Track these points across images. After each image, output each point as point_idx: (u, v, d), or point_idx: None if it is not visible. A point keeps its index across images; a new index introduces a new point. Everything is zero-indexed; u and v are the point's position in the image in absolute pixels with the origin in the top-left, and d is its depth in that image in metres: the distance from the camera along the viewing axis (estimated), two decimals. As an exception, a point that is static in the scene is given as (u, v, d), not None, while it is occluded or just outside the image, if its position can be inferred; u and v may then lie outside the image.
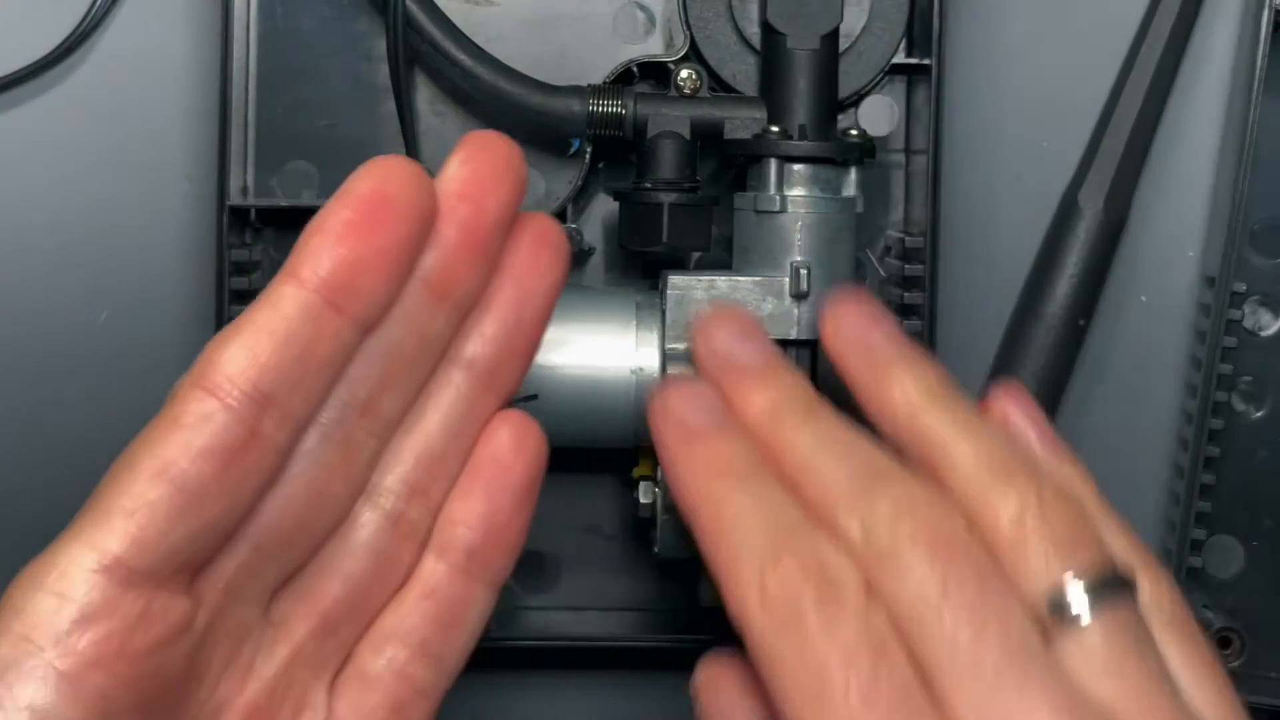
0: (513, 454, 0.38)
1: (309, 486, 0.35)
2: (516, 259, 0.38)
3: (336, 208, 0.35)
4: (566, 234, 0.39)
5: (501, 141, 0.37)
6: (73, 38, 0.50)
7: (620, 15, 0.50)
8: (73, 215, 0.50)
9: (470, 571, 0.38)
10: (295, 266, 0.35)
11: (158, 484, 0.33)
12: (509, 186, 0.37)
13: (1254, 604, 0.50)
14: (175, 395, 0.34)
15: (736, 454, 0.37)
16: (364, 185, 0.35)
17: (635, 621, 0.50)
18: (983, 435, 0.36)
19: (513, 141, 0.37)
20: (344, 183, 0.35)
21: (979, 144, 0.51)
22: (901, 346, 0.39)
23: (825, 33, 0.47)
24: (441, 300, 0.36)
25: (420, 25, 0.47)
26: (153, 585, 0.33)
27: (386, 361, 0.36)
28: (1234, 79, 0.51)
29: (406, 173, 0.35)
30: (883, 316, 0.40)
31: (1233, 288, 0.48)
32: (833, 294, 0.41)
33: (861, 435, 0.37)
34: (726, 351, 0.40)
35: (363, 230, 0.35)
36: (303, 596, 0.37)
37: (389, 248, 0.35)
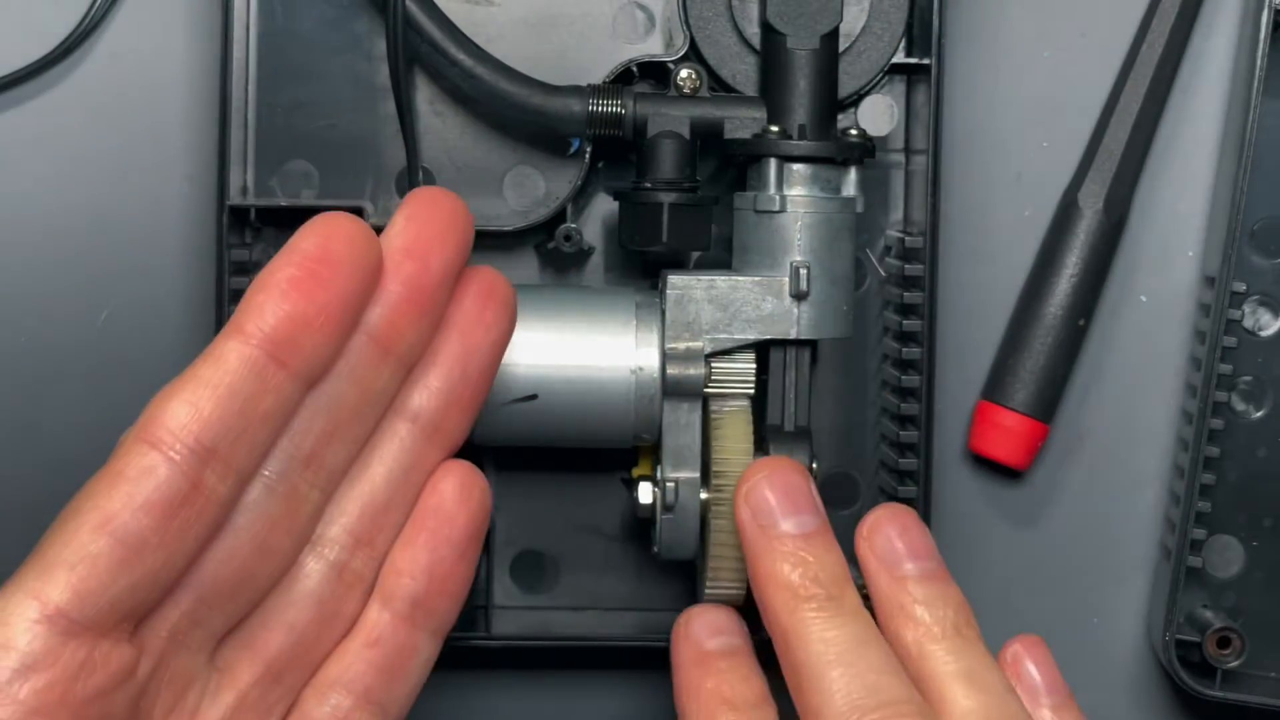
0: (456, 504, 0.39)
1: (253, 537, 0.36)
2: (462, 313, 0.39)
3: (281, 264, 0.36)
4: (511, 290, 0.40)
5: (447, 198, 0.38)
6: (73, 38, 0.50)
7: (620, 15, 0.50)
8: (73, 215, 0.51)
9: (414, 620, 0.39)
10: (240, 322, 0.35)
11: (100, 536, 0.34)
12: (454, 243, 0.38)
13: (1254, 604, 0.50)
14: (119, 448, 0.35)
15: (742, 689, 0.40)
16: (309, 242, 0.36)
17: (635, 621, 0.50)
18: (984, 688, 0.37)
19: (457, 198, 0.38)
20: (291, 238, 0.36)
21: (979, 144, 0.51)
22: (928, 576, 0.40)
23: (825, 32, 0.47)
24: (386, 355, 0.37)
25: (420, 25, 0.47)
26: (95, 635, 0.34)
27: (330, 414, 0.37)
28: (1234, 79, 0.51)
29: (351, 230, 0.36)
30: (920, 539, 0.41)
31: (1233, 288, 0.48)
32: (881, 508, 0.42)
33: (877, 643, 0.38)
34: (767, 519, 0.41)
35: (307, 287, 0.35)
36: (248, 644, 0.37)
37: (332, 304, 0.36)
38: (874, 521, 0.42)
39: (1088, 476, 0.52)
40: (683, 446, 0.46)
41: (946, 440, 0.51)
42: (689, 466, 0.46)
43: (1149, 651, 0.52)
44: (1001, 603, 0.52)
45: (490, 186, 0.50)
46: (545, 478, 0.50)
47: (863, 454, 0.51)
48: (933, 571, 0.40)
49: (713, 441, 0.46)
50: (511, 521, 0.50)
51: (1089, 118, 0.51)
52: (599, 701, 0.51)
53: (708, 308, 0.46)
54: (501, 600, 0.50)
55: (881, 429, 0.51)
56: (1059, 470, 0.52)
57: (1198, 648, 0.49)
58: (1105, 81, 0.51)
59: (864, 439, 0.51)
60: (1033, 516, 0.52)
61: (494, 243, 0.50)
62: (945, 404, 0.51)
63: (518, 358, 0.46)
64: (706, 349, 0.46)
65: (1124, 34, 0.51)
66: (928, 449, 0.48)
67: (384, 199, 0.49)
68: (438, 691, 0.51)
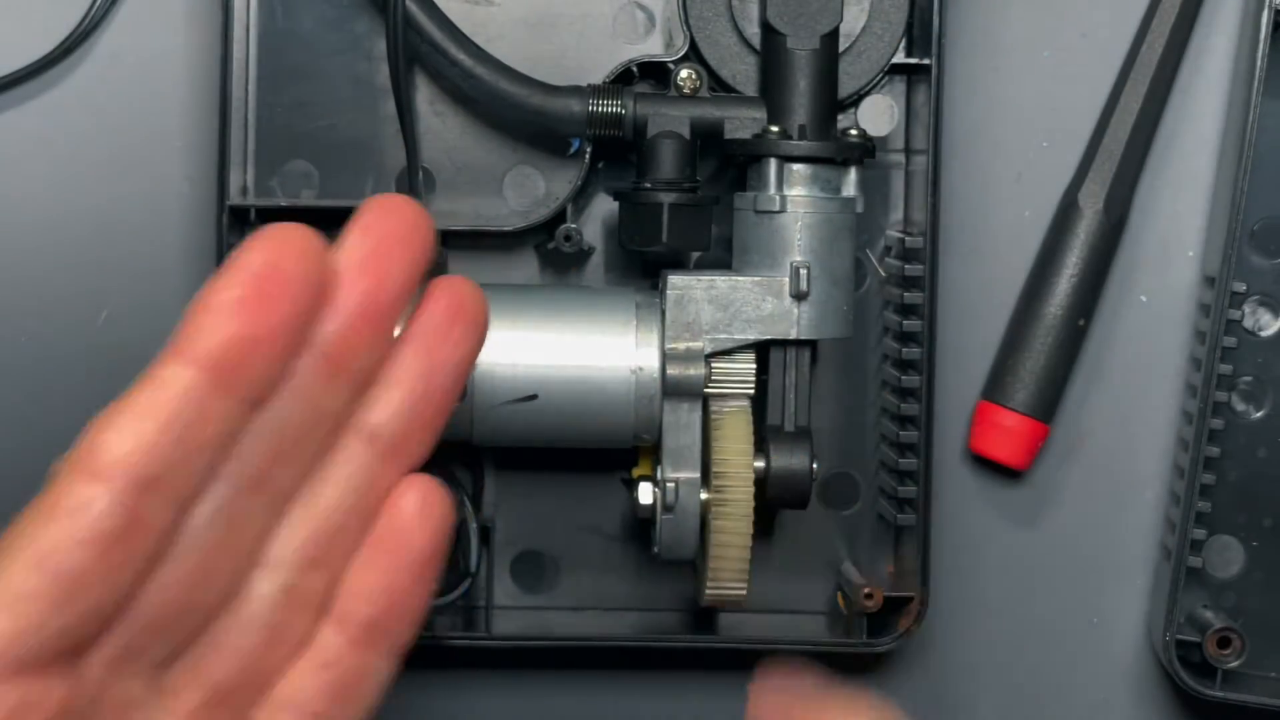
0: (416, 523, 0.37)
1: (196, 564, 0.34)
2: (428, 328, 0.36)
3: (226, 283, 0.33)
4: (483, 303, 0.37)
5: (406, 206, 0.36)
6: (73, 38, 0.50)
7: (620, 15, 0.50)
8: (72, 215, 0.51)
9: (369, 643, 0.37)
10: (181, 345, 0.33)
11: (35, 573, 0.32)
12: (412, 255, 0.35)
13: (1254, 604, 0.50)
14: (54, 480, 0.33)
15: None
16: (255, 258, 0.33)
17: (635, 622, 0.50)
18: None
19: (417, 205, 0.36)
20: (238, 251, 0.34)
21: (979, 144, 0.51)
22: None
23: (825, 32, 0.47)
24: (338, 373, 0.35)
25: (420, 25, 0.47)
26: (31, 675, 0.32)
27: (278, 437, 0.35)
28: (1234, 79, 0.51)
29: (302, 244, 0.34)
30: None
31: (1233, 288, 0.48)
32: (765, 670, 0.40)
33: None
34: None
35: (253, 307, 0.33)
36: (194, 667, 0.36)
37: (280, 325, 0.33)
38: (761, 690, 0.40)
39: (1088, 476, 0.52)
40: (683, 447, 0.46)
41: (946, 440, 0.51)
42: (689, 467, 0.46)
43: (1149, 651, 0.52)
44: (1001, 603, 0.52)
45: (490, 187, 0.50)
46: (545, 478, 0.50)
47: (863, 454, 0.51)
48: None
49: (713, 442, 0.46)
50: (512, 522, 0.50)
51: (1089, 118, 0.51)
52: (599, 702, 0.51)
53: (708, 308, 0.46)
54: (502, 600, 0.50)
55: (882, 429, 0.51)
56: (1059, 470, 0.52)
57: (1198, 648, 0.49)
58: (1105, 81, 0.51)
59: (864, 439, 0.51)
60: (1033, 516, 0.52)
61: (494, 243, 0.50)
62: (945, 404, 0.51)
63: (518, 358, 0.46)
64: (706, 349, 0.46)
65: (1124, 34, 0.51)
66: (928, 449, 0.48)
67: (384, 199, 0.49)
68: (437, 692, 0.51)
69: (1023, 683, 0.52)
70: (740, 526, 0.45)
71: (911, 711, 0.52)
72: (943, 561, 0.51)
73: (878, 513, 0.51)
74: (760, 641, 0.49)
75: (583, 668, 0.51)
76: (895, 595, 0.49)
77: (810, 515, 0.51)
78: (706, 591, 0.46)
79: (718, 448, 0.46)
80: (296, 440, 0.35)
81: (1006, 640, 0.52)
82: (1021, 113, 0.51)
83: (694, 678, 0.51)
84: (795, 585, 0.51)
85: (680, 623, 0.50)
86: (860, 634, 0.49)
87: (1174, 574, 0.49)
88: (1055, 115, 0.51)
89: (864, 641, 0.49)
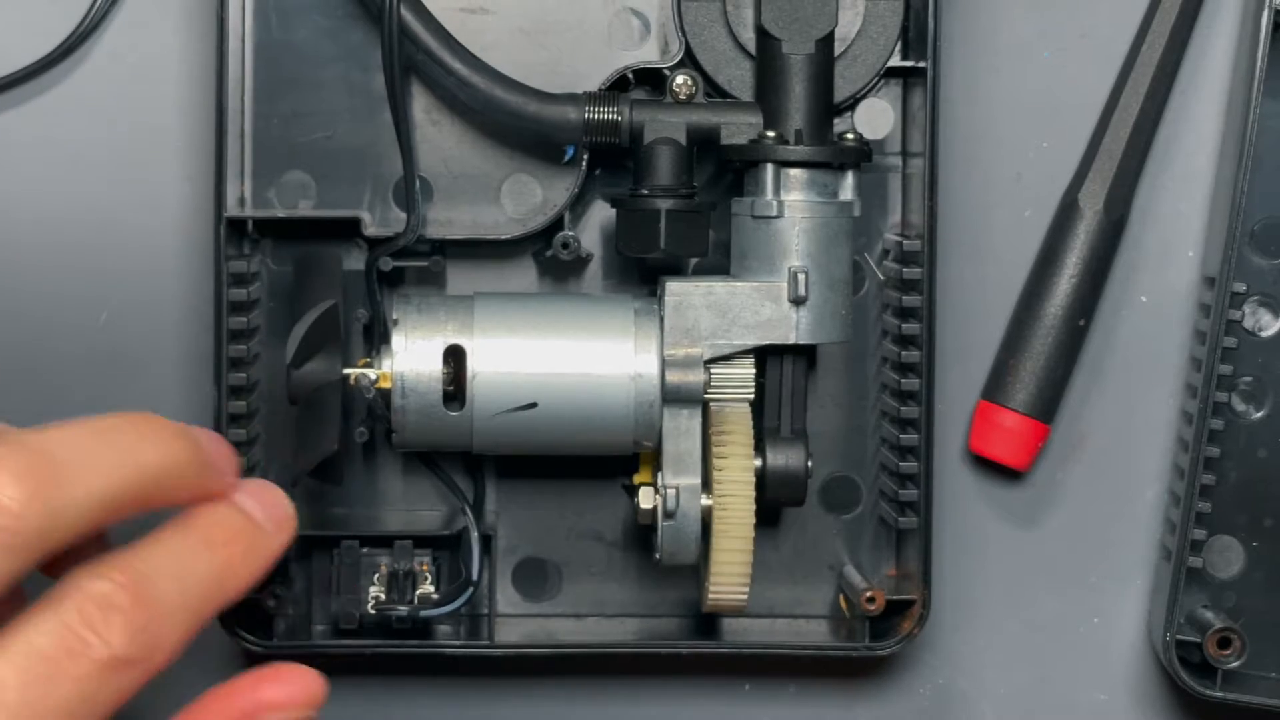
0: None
1: None
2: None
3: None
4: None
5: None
6: (73, 38, 0.50)
7: (615, 22, 0.50)
8: (72, 215, 0.51)
9: None
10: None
11: None
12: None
13: (1254, 604, 0.50)
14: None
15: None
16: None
17: (637, 628, 0.51)
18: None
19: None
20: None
21: (977, 145, 0.51)
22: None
23: (820, 37, 0.47)
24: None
25: (415, 34, 0.47)
26: None
27: None
28: (1234, 79, 0.50)
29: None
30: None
31: (1233, 288, 0.48)
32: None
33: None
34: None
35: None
36: None
37: None
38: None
39: (1088, 476, 0.52)
40: (683, 453, 0.46)
41: (947, 441, 0.51)
42: (689, 473, 0.46)
43: (1149, 652, 0.52)
44: (1002, 603, 0.52)
45: (488, 195, 0.50)
46: (546, 485, 0.51)
47: (864, 457, 0.51)
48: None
49: (713, 447, 0.46)
50: (513, 529, 0.51)
51: (1089, 118, 0.51)
52: (603, 708, 0.52)
53: (706, 314, 0.46)
54: (504, 608, 0.50)
55: (882, 432, 0.51)
56: (1059, 470, 0.52)
57: (1198, 648, 0.49)
58: (1105, 81, 0.51)
59: (865, 442, 0.51)
60: (1033, 516, 0.52)
61: (492, 251, 0.50)
62: (945, 404, 0.51)
63: (517, 366, 0.46)
64: (705, 355, 0.46)
65: (1124, 34, 0.51)
66: (928, 452, 0.48)
67: (381, 209, 0.49)
68: (442, 701, 0.52)
69: (1023, 683, 0.52)
70: (741, 532, 0.46)
71: (913, 713, 0.52)
72: (943, 562, 0.51)
73: (879, 516, 0.51)
74: (762, 646, 0.50)
75: (586, 674, 0.51)
76: (897, 599, 0.49)
77: (811, 519, 0.51)
78: (708, 597, 0.46)
79: (718, 453, 0.46)
80: None
81: (1007, 640, 0.52)
82: (1021, 113, 0.51)
83: (697, 683, 0.52)
84: (797, 589, 0.51)
85: (682, 628, 0.51)
86: (862, 638, 0.50)
87: (1174, 574, 0.49)
88: (1055, 115, 0.51)
89: (866, 645, 0.49)
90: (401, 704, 0.52)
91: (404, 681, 0.52)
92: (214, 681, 0.51)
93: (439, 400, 0.46)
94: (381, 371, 0.46)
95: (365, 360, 0.46)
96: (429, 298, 0.47)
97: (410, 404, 0.46)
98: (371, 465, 0.50)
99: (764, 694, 0.52)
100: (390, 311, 0.46)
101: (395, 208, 0.49)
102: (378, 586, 0.48)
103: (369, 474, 0.50)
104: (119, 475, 0.37)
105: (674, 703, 0.52)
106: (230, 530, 0.39)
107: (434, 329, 0.46)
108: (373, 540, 0.49)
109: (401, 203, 0.49)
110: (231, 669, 0.51)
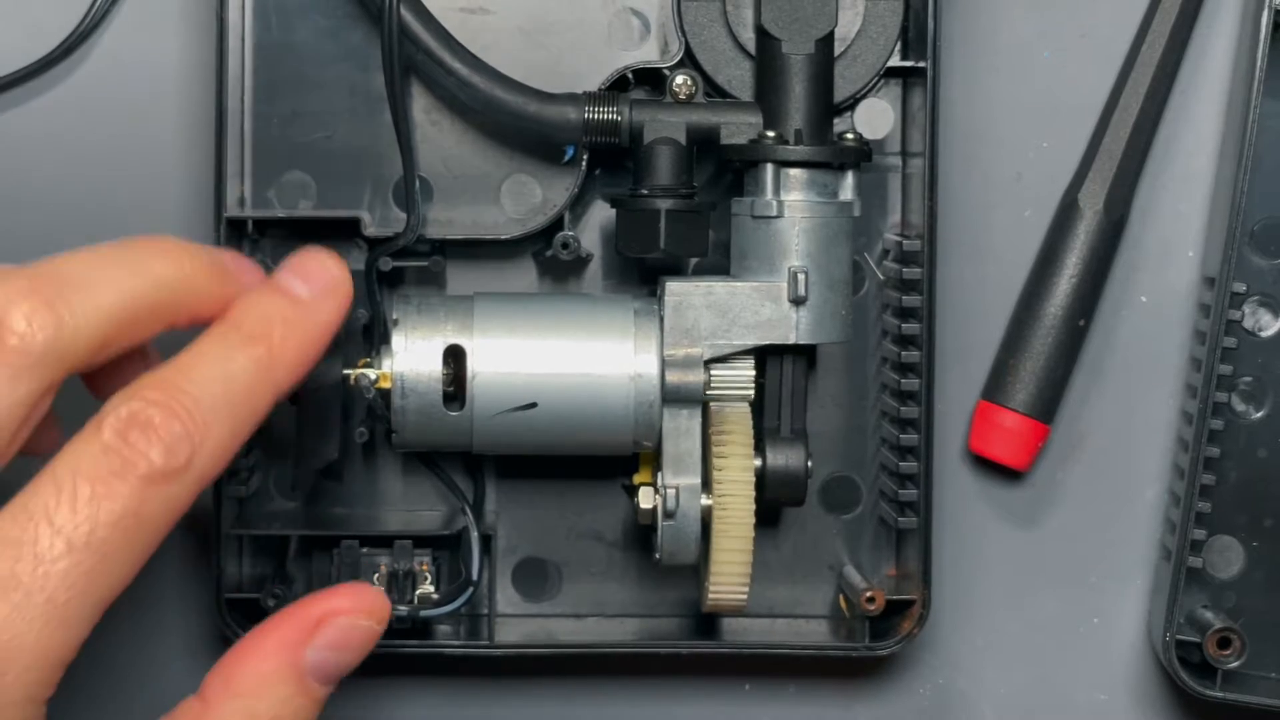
0: None
1: None
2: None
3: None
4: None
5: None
6: (73, 38, 0.50)
7: (615, 22, 0.50)
8: (72, 215, 0.51)
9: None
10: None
11: None
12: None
13: (1254, 604, 0.50)
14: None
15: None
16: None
17: (637, 628, 0.51)
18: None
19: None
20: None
21: (977, 145, 0.51)
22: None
23: (820, 37, 0.47)
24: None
25: (415, 34, 0.47)
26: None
27: None
28: (1234, 79, 0.50)
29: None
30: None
31: (1233, 288, 0.48)
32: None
33: None
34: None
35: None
36: None
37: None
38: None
39: (1088, 476, 0.52)
40: (683, 453, 0.46)
41: (946, 441, 0.51)
42: (689, 473, 0.46)
43: (1149, 652, 0.52)
44: (1002, 603, 0.52)
45: (487, 195, 0.50)
46: (546, 485, 0.51)
47: (864, 457, 0.51)
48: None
49: (713, 447, 0.46)
50: (513, 529, 0.51)
51: (1089, 118, 0.51)
52: (603, 708, 0.52)
53: (706, 314, 0.46)
54: (504, 608, 0.50)
55: (882, 432, 0.51)
56: (1059, 470, 0.52)
57: (1198, 648, 0.49)
58: (1105, 81, 0.51)
59: (865, 442, 0.51)
60: (1033, 516, 0.52)
61: (492, 251, 0.50)
62: (945, 404, 0.51)
63: (517, 366, 0.46)
64: (705, 355, 0.46)
65: (1124, 34, 0.51)
66: (928, 452, 0.48)
67: (381, 209, 0.49)
68: (441, 701, 0.52)
69: (1023, 683, 0.52)
70: (741, 532, 0.46)
71: (913, 713, 0.52)
72: (943, 562, 0.51)
73: (879, 516, 0.51)
74: (762, 646, 0.50)
75: (586, 674, 0.51)
76: (897, 599, 0.49)
77: (811, 519, 0.51)
78: (708, 597, 0.46)
79: (718, 453, 0.46)
80: None
81: (1007, 640, 0.52)
82: (1021, 113, 0.51)
83: (697, 683, 0.52)
84: (797, 589, 0.51)
85: (682, 628, 0.51)
86: (862, 638, 0.49)
87: (1174, 574, 0.49)
88: (1055, 115, 0.51)
89: (866, 645, 0.49)
90: (401, 704, 0.52)
91: (404, 681, 0.52)
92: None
93: (439, 400, 0.46)
94: (381, 372, 0.46)
95: (365, 360, 0.46)
96: (429, 298, 0.47)
97: (410, 404, 0.46)
98: (371, 465, 0.50)
99: (764, 694, 0.52)
100: (390, 311, 0.46)
101: (395, 208, 0.49)
102: (378, 586, 0.48)
103: (369, 474, 0.50)
104: (128, 287, 0.38)
105: (674, 703, 0.52)
106: (267, 316, 0.39)
107: (434, 329, 0.46)
108: (373, 540, 0.49)
109: (401, 203, 0.49)
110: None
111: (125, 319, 0.37)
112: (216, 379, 0.37)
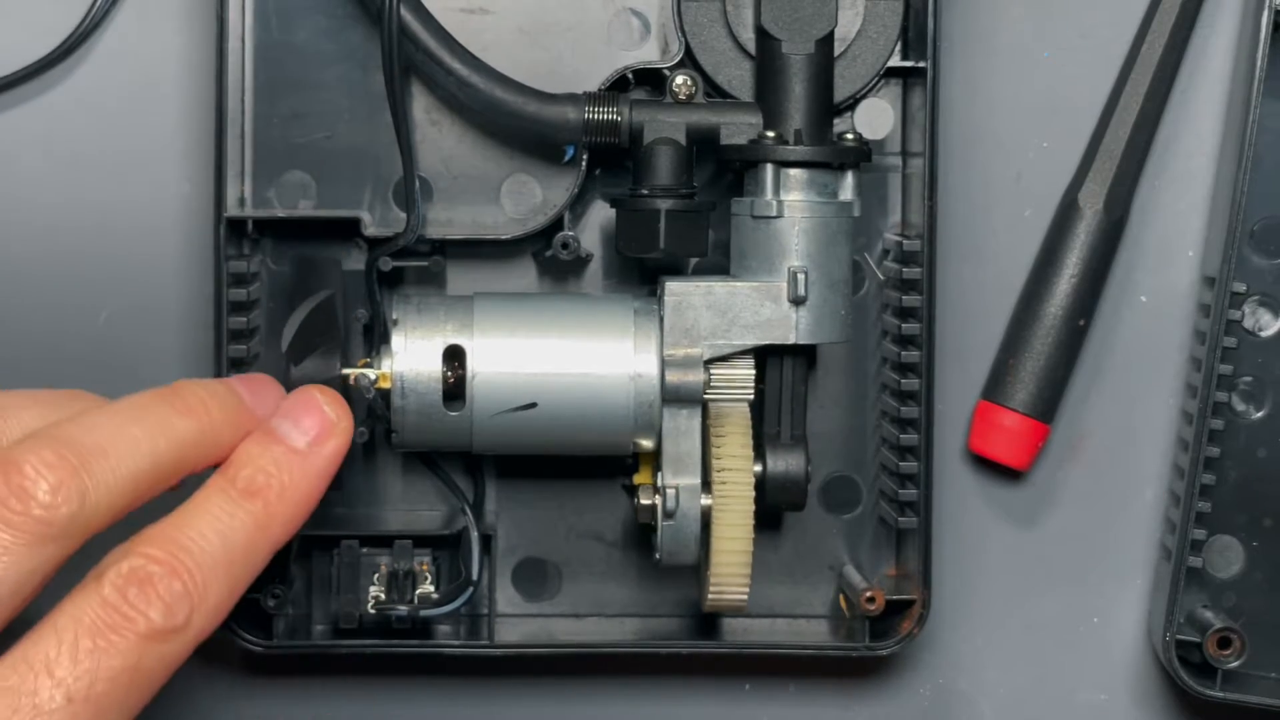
0: None
1: None
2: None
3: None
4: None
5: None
6: (73, 38, 0.50)
7: (615, 22, 0.50)
8: (72, 215, 0.51)
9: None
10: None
11: None
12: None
13: (1254, 604, 0.50)
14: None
15: None
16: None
17: (637, 628, 0.51)
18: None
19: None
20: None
21: (977, 145, 0.51)
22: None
23: (820, 37, 0.47)
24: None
25: (415, 35, 0.47)
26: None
27: None
28: (1234, 79, 0.50)
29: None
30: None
31: (1233, 288, 0.48)
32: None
33: None
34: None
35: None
36: None
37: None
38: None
39: (1088, 476, 0.52)
40: (683, 453, 0.46)
41: (946, 440, 0.51)
42: (689, 473, 0.46)
43: (1149, 651, 0.52)
44: (1002, 603, 0.52)
45: (487, 195, 0.50)
46: (546, 485, 0.51)
47: (864, 457, 0.51)
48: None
49: (713, 447, 0.46)
50: (513, 529, 0.51)
51: (1089, 118, 0.51)
52: (603, 708, 0.52)
53: (706, 314, 0.46)
54: (504, 608, 0.50)
55: (882, 432, 0.51)
56: (1059, 470, 0.52)
57: (1198, 648, 0.49)
58: (1105, 81, 0.51)
59: (865, 442, 0.51)
60: (1033, 516, 0.52)
61: (492, 251, 0.50)
62: (945, 404, 0.51)
63: (517, 366, 0.46)
64: (705, 355, 0.46)
65: (1124, 34, 0.51)
66: (928, 452, 0.48)
67: (381, 209, 0.49)
68: (441, 701, 0.52)
69: (1023, 683, 0.52)
70: (741, 532, 0.46)
71: (913, 713, 0.52)
72: (943, 562, 0.51)
73: (879, 516, 0.51)
74: (762, 646, 0.50)
75: (586, 674, 0.51)
76: (897, 598, 0.49)
77: (811, 519, 0.51)
78: (708, 597, 0.46)
79: (718, 453, 0.46)
80: None
81: (1007, 640, 0.52)
82: (1021, 113, 0.51)
83: (697, 683, 0.52)
84: (797, 589, 0.51)
85: (682, 628, 0.51)
86: (862, 638, 0.50)
87: (1174, 574, 0.49)
88: (1055, 115, 0.51)
89: (866, 645, 0.49)
90: (401, 704, 0.52)
91: (404, 681, 0.52)
92: (214, 680, 0.51)
93: (439, 400, 0.46)
94: (381, 371, 0.46)
95: (365, 360, 0.46)
96: (429, 298, 0.47)
97: (410, 404, 0.46)
98: (371, 465, 0.50)
99: (764, 694, 0.52)
100: (390, 311, 0.46)
101: (395, 208, 0.49)
102: (378, 586, 0.48)
103: (369, 474, 0.50)
104: (150, 450, 0.38)
105: (674, 703, 0.52)
106: (265, 470, 0.40)
107: (434, 329, 0.46)
108: (373, 540, 0.49)
109: (401, 203, 0.49)
110: (231, 668, 0.51)
111: (147, 484, 0.38)
112: (216, 536, 0.38)
